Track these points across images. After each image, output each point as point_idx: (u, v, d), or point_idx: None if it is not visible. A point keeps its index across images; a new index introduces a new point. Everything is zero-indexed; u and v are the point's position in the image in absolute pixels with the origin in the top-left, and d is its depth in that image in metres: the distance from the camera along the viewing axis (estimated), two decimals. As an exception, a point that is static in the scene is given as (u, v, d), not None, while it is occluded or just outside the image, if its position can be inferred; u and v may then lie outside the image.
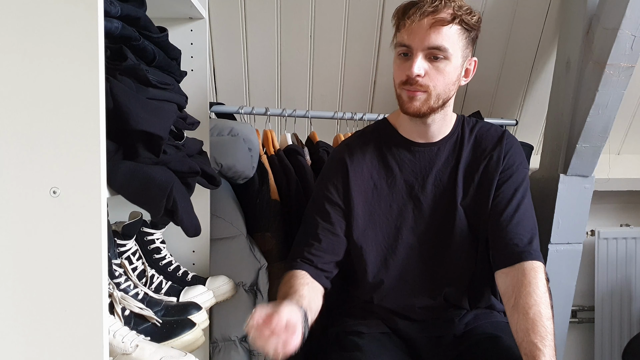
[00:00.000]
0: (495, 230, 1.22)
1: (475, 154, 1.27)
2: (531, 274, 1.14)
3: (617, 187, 2.16)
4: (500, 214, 1.22)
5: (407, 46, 1.14)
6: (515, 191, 1.23)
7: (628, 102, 2.02)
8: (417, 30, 1.13)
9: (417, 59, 1.13)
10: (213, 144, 1.43)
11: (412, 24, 1.13)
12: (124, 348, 0.91)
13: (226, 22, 1.75)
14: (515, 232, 1.20)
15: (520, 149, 1.30)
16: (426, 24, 1.12)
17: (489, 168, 1.25)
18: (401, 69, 1.16)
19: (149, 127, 0.87)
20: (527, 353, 1.05)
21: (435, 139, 1.26)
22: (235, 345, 1.45)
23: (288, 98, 1.95)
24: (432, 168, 1.25)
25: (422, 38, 1.12)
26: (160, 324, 1.00)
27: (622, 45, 1.55)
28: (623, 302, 2.21)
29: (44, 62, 0.70)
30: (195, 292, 1.23)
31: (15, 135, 0.71)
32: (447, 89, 1.16)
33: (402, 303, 1.25)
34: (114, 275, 1.02)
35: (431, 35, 1.12)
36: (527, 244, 1.19)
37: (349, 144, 1.31)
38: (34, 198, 0.71)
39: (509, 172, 1.25)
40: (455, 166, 1.25)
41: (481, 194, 1.24)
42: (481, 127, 1.29)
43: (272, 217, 1.51)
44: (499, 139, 1.27)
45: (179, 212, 0.94)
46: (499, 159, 1.25)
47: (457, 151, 1.26)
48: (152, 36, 0.98)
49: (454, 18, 1.12)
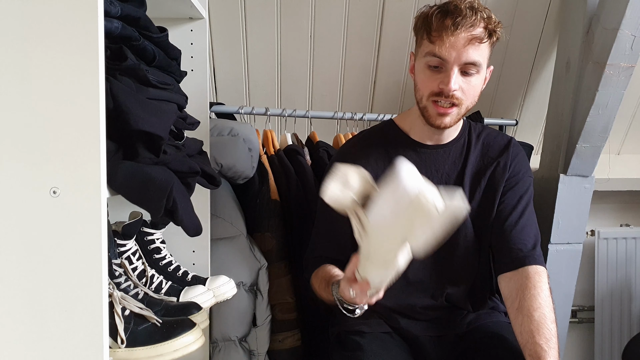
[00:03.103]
0: (500, 235, 1.23)
1: (482, 159, 1.28)
2: (535, 277, 1.15)
3: (617, 187, 2.16)
4: (505, 220, 1.23)
5: (442, 59, 1.13)
6: (520, 198, 1.25)
7: (628, 102, 2.02)
8: (454, 45, 1.11)
9: (453, 74, 1.13)
10: (213, 144, 1.43)
11: (448, 37, 1.11)
12: None
13: (226, 22, 1.75)
14: (519, 238, 1.21)
15: (525, 158, 1.32)
16: (463, 38, 1.11)
17: (496, 174, 1.26)
18: (432, 80, 1.15)
19: (149, 127, 0.87)
20: (532, 354, 1.05)
21: (445, 141, 1.27)
22: (235, 345, 1.45)
23: (288, 98, 1.95)
24: (439, 170, 1.26)
25: (459, 53, 1.12)
26: (160, 324, 1.00)
27: (622, 45, 1.55)
28: (623, 302, 2.21)
29: (44, 62, 0.70)
30: (195, 292, 1.23)
31: (16, 135, 0.71)
32: (474, 101, 1.19)
33: (404, 303, 1.25)
34: (114, 275, 1.02)
35: (469, 51, 1.12)
36: (531, 249, 1.20)
37: (351, 148, 1.32)
38: (34, 198, 0.71)
39: (514, 180, 1.27)
40: (462, 170, 1.26)
41: (487, 199, 1.25)
42: (488, 134, 1.31)
43: (272, 217, 1.51)
44: (505, 147, 1.29)
45: (179, 212, 0.94)
46: (506, 166, 1.26)
47: (464, 155, 1.27)
48: (152, 36, 0.97)
49: (490, 34, 1.13)
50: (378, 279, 0.94)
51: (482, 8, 1.14)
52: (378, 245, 0.89)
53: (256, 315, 1.48)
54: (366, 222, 0.87)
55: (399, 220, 0.83)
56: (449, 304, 1.26)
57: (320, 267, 1.26)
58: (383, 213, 0.84)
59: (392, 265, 0.90)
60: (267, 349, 1.47)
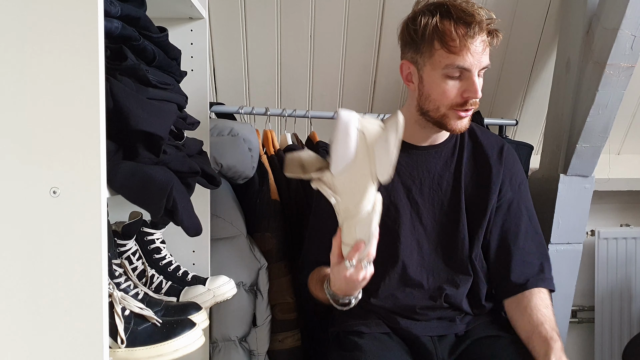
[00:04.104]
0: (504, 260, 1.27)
1: (475, 159, 1.28)
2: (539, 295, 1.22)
3: (617, 187, 2.16)
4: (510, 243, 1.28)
5: (466, 69, 1.12)
6: (521, 215, 1.28)
7: (628, 102, 2.02)
8: (475, 52, 1.11)
9: (477, 81, 1.13)
10: (213, 144, 1.43)
11: (470, 46, 1.10)
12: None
13: (226, 22, 1.75)
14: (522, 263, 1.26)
15: (518, 164, 1.33)
16: (481, 43, 1.11)
17: (490, 178, 1.26)
18: (453, 90, 1.14)
19: (149, 127, 0.87)
20: (540, 340, 1.11)
21: (438, 141, 1.26)
22: (235, 345, 1.45)
23: (288, 98, 1.95)
24: (430, 171, 1.26)
25: (479, 59, 1.12)
26: (160, 324, 1.00)
27: (622, 45, 1.55)
28: (623, 302, 2.20)
29: (44, 62, 0.70)
30: (195, 292, 1.23)
31: (16, 135, 0.71)
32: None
33: (403, 304, 1.25)
34: (114, 275, 1.02)
35: (484, 56, 1.13)
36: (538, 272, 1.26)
37: None
38: (34, 198, 0.71)
39: (512, 192, 1.28)
40: (454, 170, 1.26)
41: (481, 199, 1.26)
42: (481, 135, 1.31)
43: (272, 217, 1.51)
44: (499, 154, 1.29)
45: (179, 212, 0.94)
46: (499, 173, 1.27)
47: (456, 155, 1.27)
48: (152, 36, 0.97)
49: (496, 36, 1.14)
50: (366, 230, 0.98)
51: (482, 7, 1.14)
52: (351, 194, 0.95)
53: (256, 315, 1.48)
54: (331, 179, 0.94)
55: (357, 159, 0.91)
56: (448, 305, 1.26)
57: (315, 270, 1.28)
58: (341, 162, 0.92)
59: (372, 206, 0.96)
60: (267, 349, 1.47)
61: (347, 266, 1.02)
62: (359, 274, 1.03)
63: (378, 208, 0.98)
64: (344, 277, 1.03)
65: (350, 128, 0.90)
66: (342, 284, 1.07)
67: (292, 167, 0.98)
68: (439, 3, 1.14)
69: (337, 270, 1.05)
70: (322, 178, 0.95)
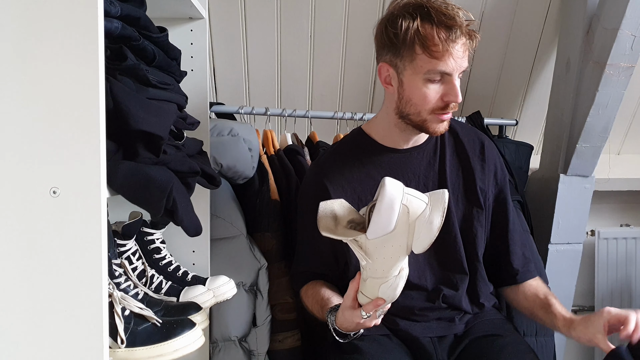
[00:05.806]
0: (495, 253, 1.30)
1: (459, 158, 1.28)
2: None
3: (617, 187, 2.16)
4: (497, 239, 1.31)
5: (447, 74, 1.11)
6: (508, 213, 1.30)
7: (628, 102, 2.02)
8: (457, 56, 1.10)
9: (457, 84, 1.12)
10: (213, 144, 1.43)
11: (451, 50, 1.09)
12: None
13: (226, 22, 1.75)
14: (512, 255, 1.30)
15: (499, 159, 1.33)
16: (461, 47, 1.10)
17: (474, 175, 1.27)
18: (435, 95, 1.13)
19: (149, 127, 0.87)
20: (543, 305, 1.21)
21: (419, 142, 1.26)
22: (235, 345, 1.44)
23: (288, 98, 1.95)
24: (415, 173, 1.25)
25: (459, 63, 1.11)
26: (160, 324, 1.00)
27: (622, 45, 1.55)
28: (623, 302, 2.20)
29: (44, 62, 0.70)
30: (195, 292, 1.23)
31: (15, 135, 0.71)
32: None
33: (402, 305, 1.25)
34: (114, 275, 1.02)
35: (464, 59, 1.12)
36: (523, 265, 1.30)
37: (324, 163, 1.31)
38: (34, 198, 0.71)
39: (498, 187, 1.30)
40: (438, 169, 1.26)
41: (468, 196, 1.26)
42: (460, 131, 1.31)
43: (272, 217, 1.51)
44: (481, 150, 1.29)
45: (179, 212, 0.94)
46: (482, 168, 1.28)
47: (439, 153, 1.27)
48: (152, 36, 0.97)
49: (475, 38, 1.12)
50: (390, 293, 0.99)
51: (460, 7, 1.12)
52: (383, 260, 0.95)
53: (256, 315, 1.47)
54: (365, 242, 0.94)
55: (396, 231, 0.91)
56: (446, 305, 1.25)
57: (311, 284, 1.29)
58: (380, 232, 0.92)
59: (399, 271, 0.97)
60: (267, 349, 1.47)
61: (362, 315, 1.03)
62: (371, 322, 1.05)
63: (404, 273, 0.99)
64: (357, 323, 1.05)
65: (395, 203, 0.90)
66: (350, 325, 1.09)
67: (326, 220, 0.96)
68: (418, 4, 1.11)
69: (349, 314, 1.05)
70: (356, 238, 0.95)
